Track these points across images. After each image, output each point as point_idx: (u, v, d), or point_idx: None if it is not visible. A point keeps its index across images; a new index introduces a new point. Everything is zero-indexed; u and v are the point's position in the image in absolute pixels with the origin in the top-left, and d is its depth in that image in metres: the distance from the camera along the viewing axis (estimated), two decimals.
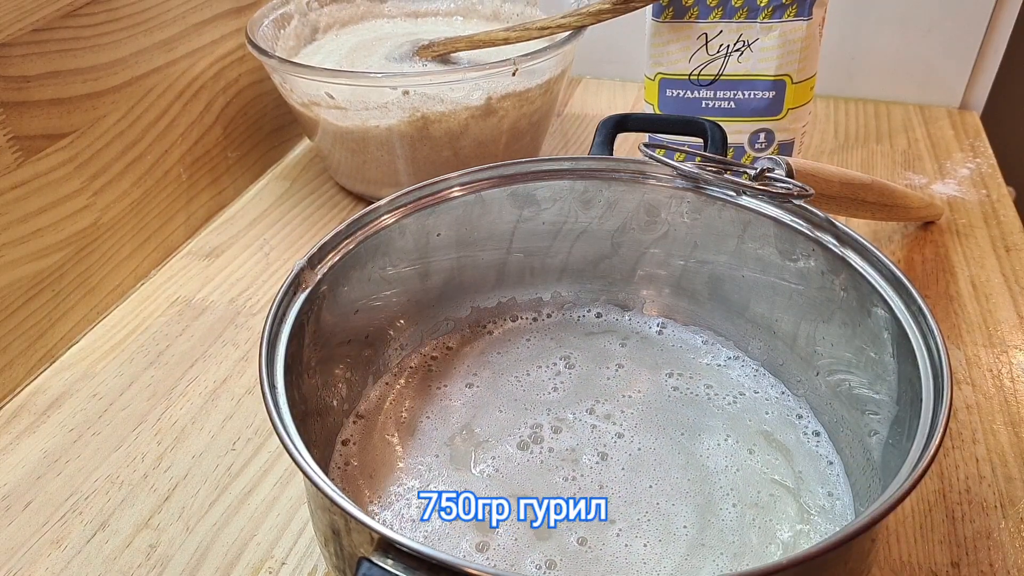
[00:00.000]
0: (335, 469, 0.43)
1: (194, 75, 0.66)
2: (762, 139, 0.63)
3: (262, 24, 0.69)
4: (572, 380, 0.48)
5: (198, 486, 0.46)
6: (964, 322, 0.56)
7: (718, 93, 0.62)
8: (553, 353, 0.50)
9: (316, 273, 0.42)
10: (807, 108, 0.64)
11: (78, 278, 0.57)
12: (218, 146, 0.70)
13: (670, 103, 0.64)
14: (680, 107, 0.64)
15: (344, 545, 0.34)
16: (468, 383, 0.48)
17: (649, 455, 0.43)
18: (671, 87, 0.63)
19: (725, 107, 0.62)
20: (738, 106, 0.62)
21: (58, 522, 0.45)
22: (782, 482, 0.42)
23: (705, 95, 0.62)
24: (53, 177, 0.54)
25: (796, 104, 0.62)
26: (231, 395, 0.52)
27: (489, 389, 0.48)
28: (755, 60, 0.60)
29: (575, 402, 0.46)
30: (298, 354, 0.40)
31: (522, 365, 0.49)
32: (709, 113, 0.63)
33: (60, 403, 0.52)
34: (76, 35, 0.55)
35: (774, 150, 0.63)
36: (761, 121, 0.62)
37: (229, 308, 0.60)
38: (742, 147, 0.64)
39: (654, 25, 0.62)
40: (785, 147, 0.64)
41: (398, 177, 0.67)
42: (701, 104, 0.63)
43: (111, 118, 0.59)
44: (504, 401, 0.47)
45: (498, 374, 0.48)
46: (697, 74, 0.62)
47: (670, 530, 0.39)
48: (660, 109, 0.64)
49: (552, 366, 0.49)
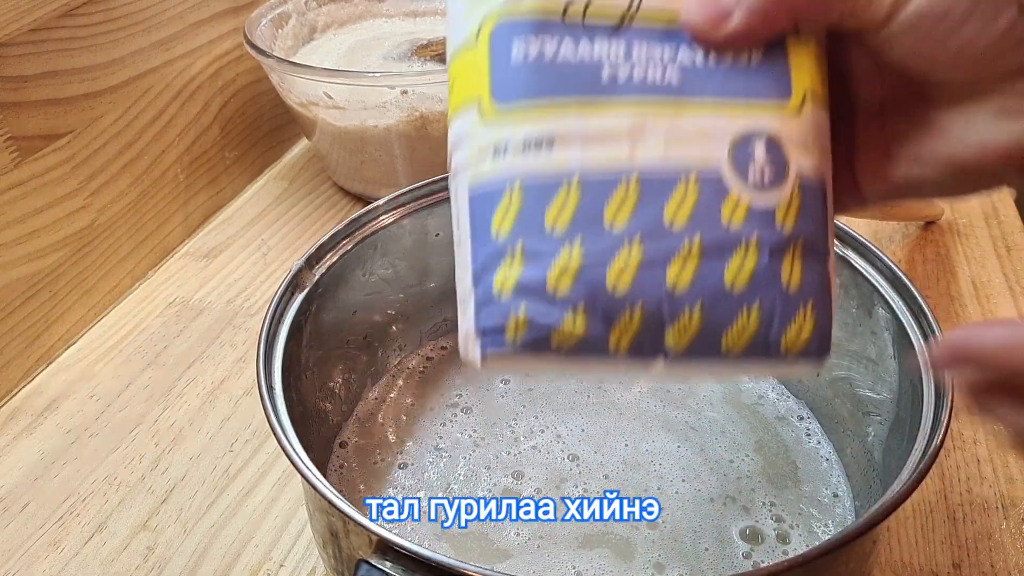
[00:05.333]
0: (333, 471, 0.43)
1: (191, 75, 0.66)
2: (758, 154, 0.26)
3: (260, 23, 0.69)
4: (572, 379, 0.48)
5: (196, 488, 0.46)
6: (965, 322, 0.56)
7: (636, 49, 0.26)
8: None
9: (314, 274, 0.42)
10: (827, 111, 0.27)
11: (75, 279, 0.57)
12: (216, 146, 0.70)
13: (518, 72, 0.26)
14: (542, 79, 0.26)
15: (343, 547, 0.34)
16: (467, 384, 0.48)
17: (647, 451, 0.43)
18: (519, 36, 0.26)
19: (657, 82, 0.26)
20: (686, 79, 0.26)
21: (55, 524, 0.45)
22: (783, 483, 0.41)
23: (607, 53, 0.26)
24: (50, 177, 0.54)
25: (814, 82, 0.27)
26: (229, 396, 0.52)
27: (489, 390, 0.47)
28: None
29: (575, 400, 0.46)
30: (296, 355, 0.39)
31: None
32: (617, 91, 0.26)
33: (57, 405, 0.52)
34: (73, 35, 0.55)
35: (793, 190, 0.26)
36: (747, 113, 0.26)
37: (227, 309, 0.59)
38: (714, 176, 0.25)
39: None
40: (809, 190, 0.26)
41: (397, 177, 0.67)
42: (597, 72, 0.26)
43: (108, 118, 0.58)
44: (504, 401, 0.46)
45: (497, 375, 0.48)
46: (580, 10, 0.26)
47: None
48: (493, 88, 0.26)
49: None
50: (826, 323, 0.26)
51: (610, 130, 0.25)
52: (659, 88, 0.26)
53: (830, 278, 0.27)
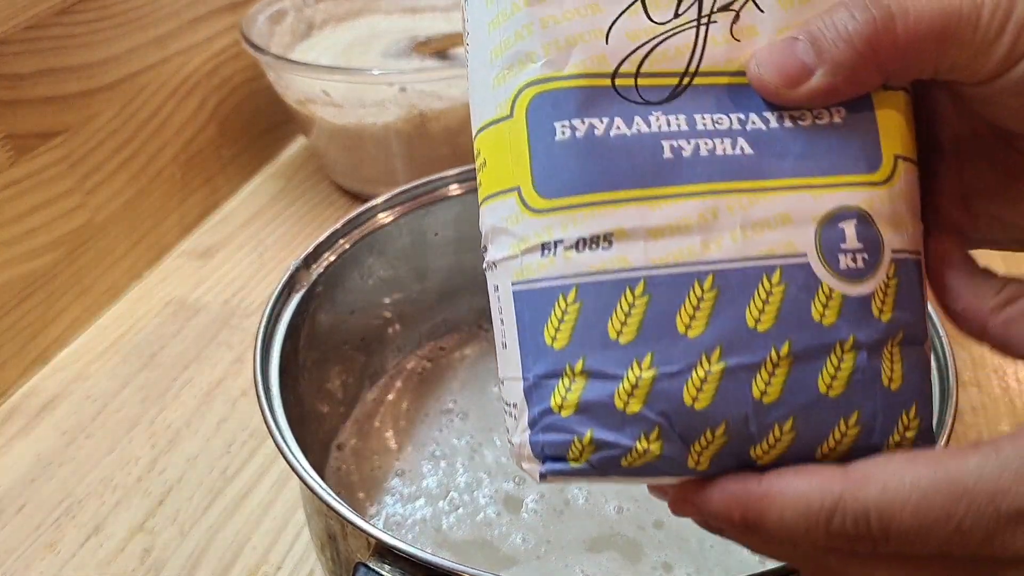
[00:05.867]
0: (331, 473, 0.43)
1: (188, 72, 0.66)
2: (849, 237, 0.22)
3: (257, 20, 0.68)
4: None
5: (193, 490, 0.46)
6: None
7: (700, 118, 0.23)
8: None
9: (311, 273, 0.41)
10: (916, 166, 0.25)
11: (71, 278, 0.57)
12: (212, 144, 0.69)
13: (565, 158, 0.22)
14: (593, 166, 0.22)
15: (340, 550, 0.33)
16: (466, 386, 0.47)
17: None
18: (564, 114, 0.22)
19: (727, 158, 0.23)
20: (760, 150, 0.23)
21: (51, 526, 0.44)
22: None
23: (666, 126, 0.23)
24: (45, 176, 0.54)
25: (904, 141, 0.24)
26: (226, 397, 0.52)
27: (484, 393, 0.47)
28: (772, 31, 0.24)
29: None
30: (293, 356, 0.39)
31: None
32: (681, 174, 0.22)
33: (53, 405, 0.52)
34: (69, 32, 0.54)
35: (889, 274, 0.23)
36: (833, 189, 0.23)
37: (223, 309, 0.59)
38: (801, 267, 0.22)
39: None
40: (905, 267, 0.23)
41: (395, 175, 0.67)
42: (657, 151, 0.22)
43: (104, 116, 0.58)
44: (500, 405, 0.46)
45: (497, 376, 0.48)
46: (632, 72, 0.23)
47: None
48: (536, 177, 0.22)
49: None
50: (929, 418, 0.23)
51: (678, 222, 0.22)
52: (730, 165, 0.22)
53: (929, 369, 0.24)
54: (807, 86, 0.22)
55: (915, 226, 0.23)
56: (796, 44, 0.22)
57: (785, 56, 0.22)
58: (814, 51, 0.21)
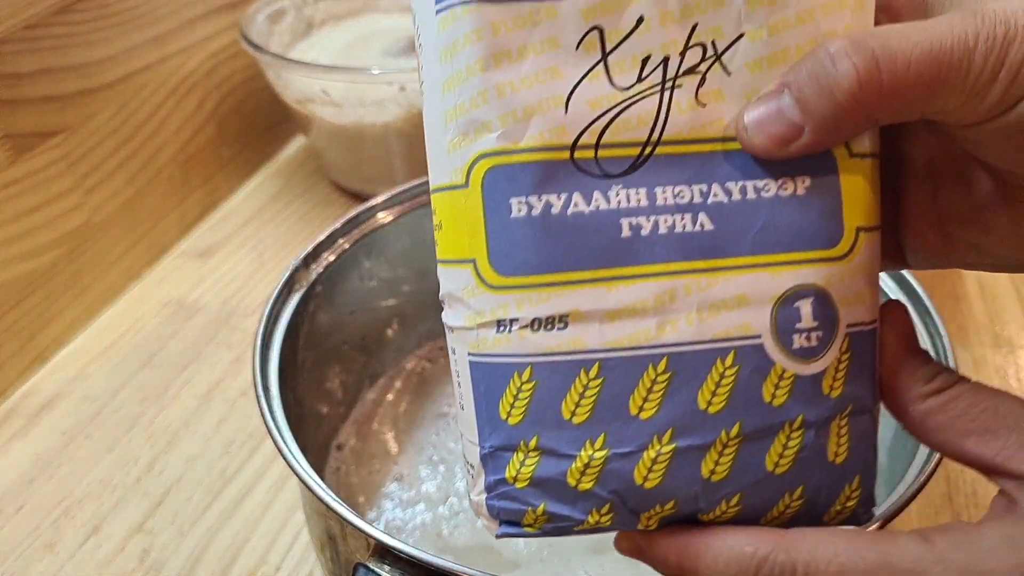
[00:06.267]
0: (330, 473, 0.43)
1: (187, 71, 0.66)
2: (805, 316, 0.22)
3: (256, 19, 0.68)
4: None
5: (192, 490, 0.46)
6: (971, 323, 0.55)
7: (661, 192, 0.22)
8: None
9: (311, 273, 0.41)
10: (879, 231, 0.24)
11: (70, 278, 0.57)
12: (211, 144, 0.69)
13: (521, 236, 0.22)
14: (550, 246, 0.22)
15: (340, 551, 0.33)
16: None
17: None
18: (520, 190, 0.22)
19: (687, 235, 0.22)
20: (720, 226, 0.22)
21: (50, 526, 0.44)
22: None
23: (626, 202, 0.22)
24: (45, 176, 0.54)
25: (868, 212, 0.23)
26: (225, 398, 0.51)
27: None
28: (739, 94, 0.22)
29: None
30: (292, 356, 0.39)
31: None
32: (639, 254, 0.22)
33: (52, 406, 0.52)
34: (68, 31, 0.54)
35: (842, 349, 0.23)
36: (792, 268, 0.22)
37: (223, 309, 0.59)
38: (755, 349, 0.22)
39: (445, 17, 0.22)
40: (859, 340, 0.23)
41: (394, 175, 0.67)
42: (615, 230, 0.22)
43: (103, 115, 0.58)
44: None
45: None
46: (593, 143, 0.22)
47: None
48: (492, 253, 0.22)
49: None
50: (871, 488, 0.23)
51: (634, 304, 0.21)
52: (689, 244, 0.22)
53: (876, 434, 0.23)
54: (797, 144, 0.21)
55: (872, 295, 0.23)
56: (781, 100, 0.21)
57: (773, 120, 0.21)
58: (799, 108, 0.21)
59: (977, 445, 0.21)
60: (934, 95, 0.20)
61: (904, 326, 0.23)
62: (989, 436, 0.21)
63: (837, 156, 0.22)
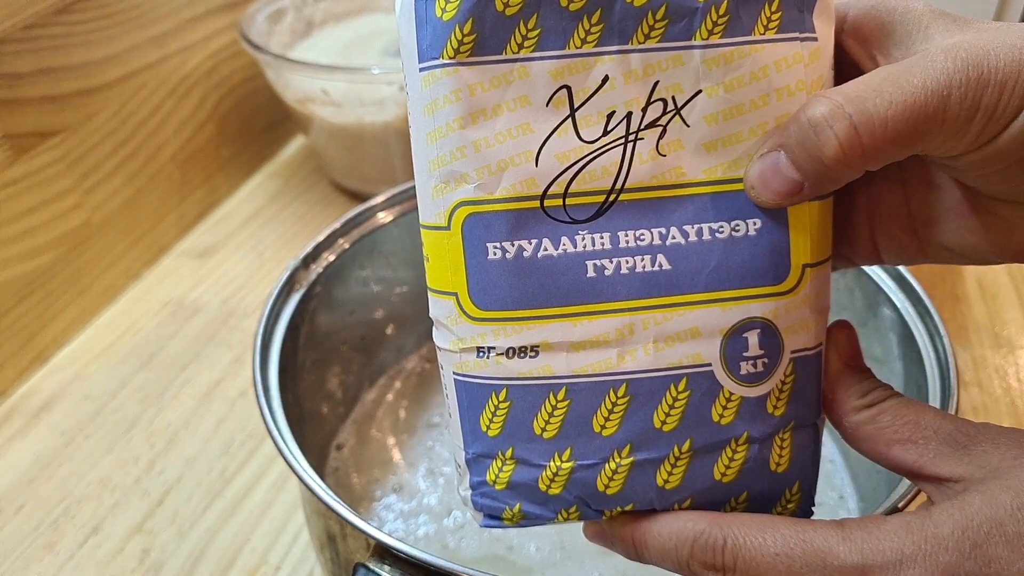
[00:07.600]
0: (330, 473, 0.43)
1: (186, 71, 0.66)
2: (752, 345, 0.25)
3: (256, 19, 0.68)
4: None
5: (191, 490, 0.46)
6: (971, 323, 0.55)
7: (624, 236, 0.24)
8: None
9: (310, 273, 0.41)
10: (827, 263, 0.26)
11: (69, 278, 0.57)
12: (211, 143, 0.69)
13: (497, 276, 0.25)
14: (523, 285, 0.25)
15: (340, 551, 0.33)
16: None
17: None
18: (495, 236, 0.24)
19: (646, 274, 0.24)
20: (677, 265, 0.24)
21: (50, 526, 0.44)
22: None
23: (591, 246, 0.24)
24: (44, 176, 0.54)
25: (814, 248, 0.25)
26: (224, 398, 0.51)
27: None
28: (697, 145, 0.24)
29: None
30: (292, 356, 0.39)
31: None
32: (602, 292, 0.25)
33: (52, 406, 0.52)
34: (68, 31, 0.54)
35: (786, 373, 0.25)
36: (741, 303, 0.25)
37: (222, 309, 0.59)
38: (705, 376, 0.25)
39: (428, 77, 0.25)
40: (803, 363, 0.25)
41: (394, 174, 0.66)
42: (581, 271, 0.24)
43: (102, 115, 0.58)
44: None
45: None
46: (561, 192, 0.24)
47: None
48: (471, 289, 0.25)
49: None
50: (811, 492, 0.26)
51: (597, 337, 0.24)
52: (648, 282, 0.24)
53: (818, 445, 0.26)
54: (801, 195, 0.23)
55: (818, 321, 0.25)
56: (779, 159, 0.23)
57: (778, 180, 0.23)
58: (794, 168, 0.22)
59: (900, 453, 0.23)
60: (914, 144, 0.21)
61: (847, 345, 0.26)
62: (910, 445, 0.23)
63: None
